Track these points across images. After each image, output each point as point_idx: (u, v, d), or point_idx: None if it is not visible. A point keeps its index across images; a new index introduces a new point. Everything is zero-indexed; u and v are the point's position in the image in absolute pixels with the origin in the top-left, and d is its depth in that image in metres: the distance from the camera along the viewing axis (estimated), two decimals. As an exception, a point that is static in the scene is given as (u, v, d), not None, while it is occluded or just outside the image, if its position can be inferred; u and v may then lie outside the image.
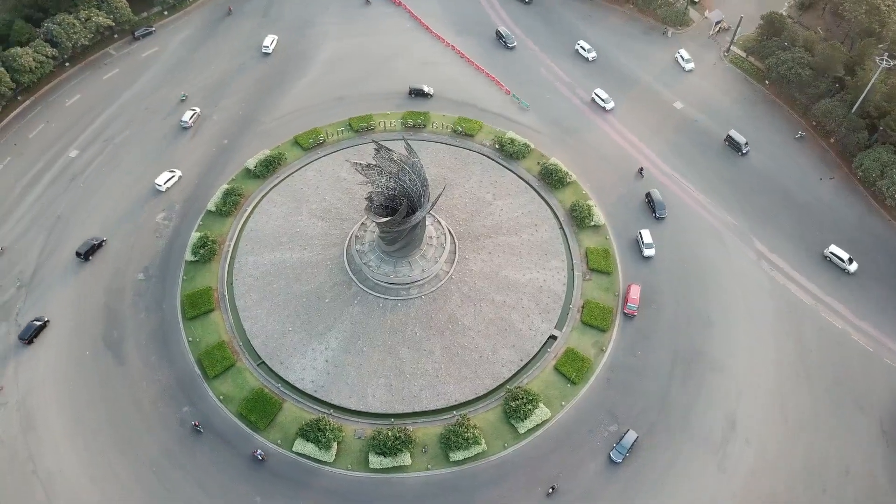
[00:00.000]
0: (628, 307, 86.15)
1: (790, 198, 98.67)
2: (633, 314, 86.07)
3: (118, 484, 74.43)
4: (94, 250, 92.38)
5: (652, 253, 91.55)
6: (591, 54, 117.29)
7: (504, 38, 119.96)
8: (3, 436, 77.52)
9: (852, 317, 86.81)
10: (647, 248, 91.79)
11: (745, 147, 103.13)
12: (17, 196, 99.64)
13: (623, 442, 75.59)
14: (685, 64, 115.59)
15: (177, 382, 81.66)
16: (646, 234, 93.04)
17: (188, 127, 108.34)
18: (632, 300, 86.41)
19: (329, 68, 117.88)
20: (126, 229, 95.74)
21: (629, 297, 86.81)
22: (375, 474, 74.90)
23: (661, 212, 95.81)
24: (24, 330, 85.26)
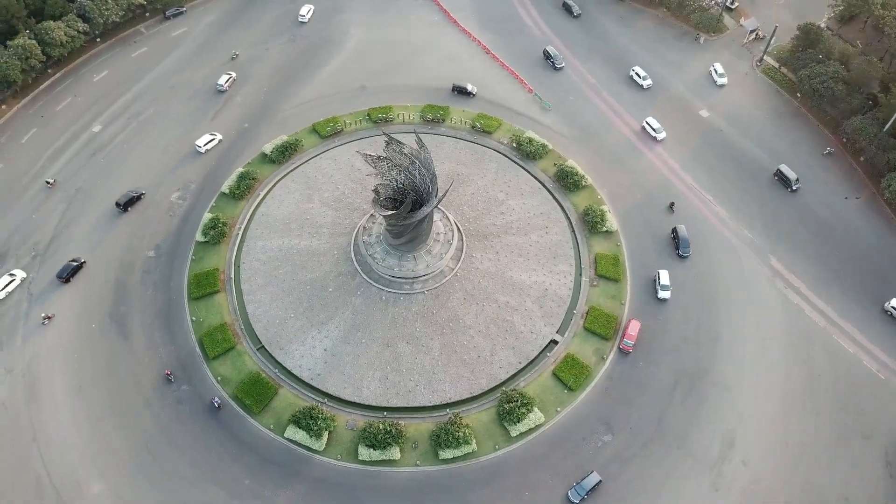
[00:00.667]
0: (624, 342, 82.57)
1: (812, 215, 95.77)
2: (629, 351, 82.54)
3: (113, 456, 75.72)
4: (133, 202, 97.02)
5: (667, 296, 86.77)
6: (646, 81, 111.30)
7: (552, 59, 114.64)
8: (7, 402, 79.44)
9: (865, 341, 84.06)
10: (663, 290, 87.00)
11: (796, 184, 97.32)
12: (41, 167, 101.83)
13: (584, 483, 72.58)
14: (718, 78, 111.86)
15: (177, 361, 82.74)
16: (664, 275, 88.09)
17: (224, 91, 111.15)
18: (629, 336, 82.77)
19: (354, 57, 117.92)
20: (142, 206, 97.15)
21: (627, 332, 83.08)
22: (364, 466, 75.00)
23: (685, 250, 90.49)
24: (61, 269, 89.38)
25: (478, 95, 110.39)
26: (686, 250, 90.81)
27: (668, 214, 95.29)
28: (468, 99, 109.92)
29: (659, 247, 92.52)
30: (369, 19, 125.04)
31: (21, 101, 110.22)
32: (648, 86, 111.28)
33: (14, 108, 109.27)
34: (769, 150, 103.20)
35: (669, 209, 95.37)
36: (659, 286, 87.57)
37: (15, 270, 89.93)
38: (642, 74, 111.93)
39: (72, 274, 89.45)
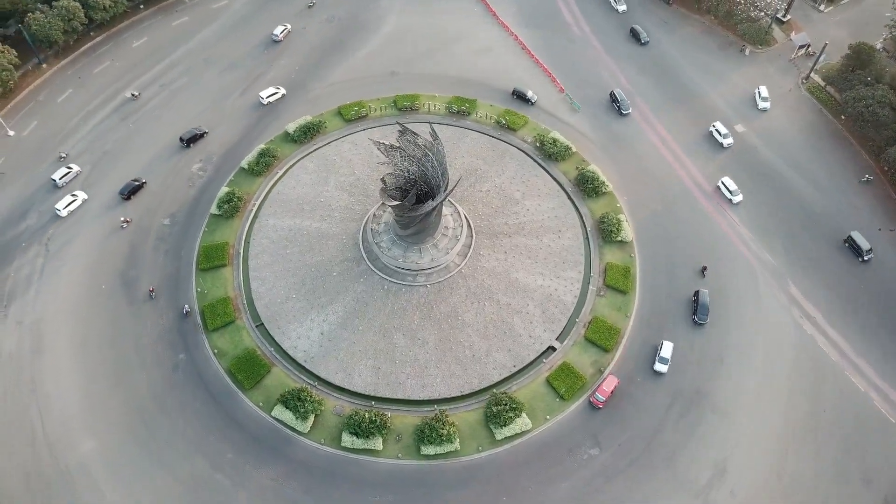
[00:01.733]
0: (595, 397, 77.54)
1: (839, 242, 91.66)
2: (599, 406, 77.95)
3: (105, 416, 77.57)
4: (196, 139, 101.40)
5: (664, 370, 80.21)
6: (727, 140, 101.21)
7: (619, 103, 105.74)
8: (14, 352, 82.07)
9: (879, 381, 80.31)
10: (661, 364, 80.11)
11: (868, 254, 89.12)
12: (72, 127, 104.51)
13: None
14: (760, 101, 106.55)
15: (178, 329, 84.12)
16: (666, 347, 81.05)
17: (279, 41, 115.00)
18: (602, 391, 77.59)
19: (388, 42, 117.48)
20: (163, 174, 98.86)
21: (601, 387, 78.13)
22: (346, 453, 75.19)
23: (702, 317, 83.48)
24: (123, 187, 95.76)
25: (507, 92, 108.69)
26: (704, 318, 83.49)
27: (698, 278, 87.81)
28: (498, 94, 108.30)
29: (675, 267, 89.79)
30: (408, 6, 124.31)
31: (61, 61, 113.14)
32: (729, 144, 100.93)
33: (54, 68, 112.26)
34: (803, 171, 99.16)
35: (701, 273, 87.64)
36: (658, 358, 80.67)
37: (77, 191, 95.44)
38: (723, 132, 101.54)
39: (133, 192, 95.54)
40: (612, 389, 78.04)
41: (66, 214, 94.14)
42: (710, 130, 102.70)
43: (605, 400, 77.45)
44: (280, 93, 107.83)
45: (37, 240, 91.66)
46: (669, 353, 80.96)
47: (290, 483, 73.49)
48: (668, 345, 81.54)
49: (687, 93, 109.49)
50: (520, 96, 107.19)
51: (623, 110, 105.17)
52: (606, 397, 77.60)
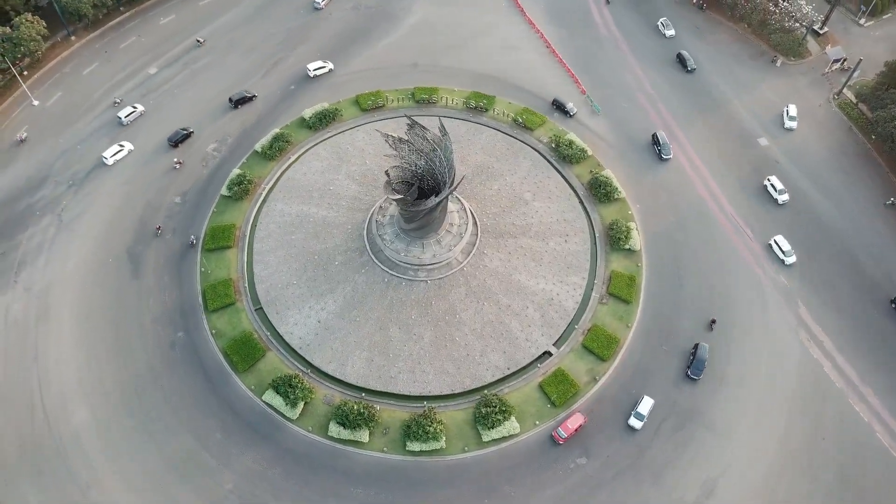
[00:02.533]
0: (557, 432, 74.42)
1: (857, 268, 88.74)
2: (560, 442, 74.80)
3: (102, 387, 78.84)
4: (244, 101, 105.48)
5: (638, 425, 75.64)
6: (782, 196, 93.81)
7: (661, 147, 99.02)
8: (20, 319, 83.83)
9: (884, 412, 77.74)
10: (636, 419, 75.77)
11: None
12: (94, 101, 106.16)
13: None
14: (787, 121, 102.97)
15: (178, 307, 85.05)
16: (645, 403, 76.41)
17: (320, 8, 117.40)
18: (565, 427, 74.38)
19: (412, 33, 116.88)
20: (178, 151, 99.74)
21: (566, 423, 74.75)
22: (332, 443, 75.36)
23: (696, 373, 78.81)
24: (172, 134, 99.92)
25: (531, 90, 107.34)
26: (698, 373, 78.81)
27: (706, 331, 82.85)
28: (519, 92, 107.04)
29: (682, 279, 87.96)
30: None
31: (90, 34, 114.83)
32: (784, 202, 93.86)
33: (82, 41, 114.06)
34: (825, 189, 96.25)
35: (709, 327, 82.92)
36: (634, 413, 76.04)
37: (124, 141, 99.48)
38: (779, 187, 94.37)
39: (181, 140, 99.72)
40: (577, 428, 74.58)
41: (112, 163, 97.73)
42: (765, 185, 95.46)
43: (566, 437, 74.06)
44: (328, 66, 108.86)
45: (51, 210, 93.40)
46: (647, 410, 76.03)
47: (275, 468, 73.96)
48: (648, 401, 76.53)
49: (712, 103, 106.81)
50: (559, 107, 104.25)
51: (664, 155, 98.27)
52: (569, 434, 74.11)
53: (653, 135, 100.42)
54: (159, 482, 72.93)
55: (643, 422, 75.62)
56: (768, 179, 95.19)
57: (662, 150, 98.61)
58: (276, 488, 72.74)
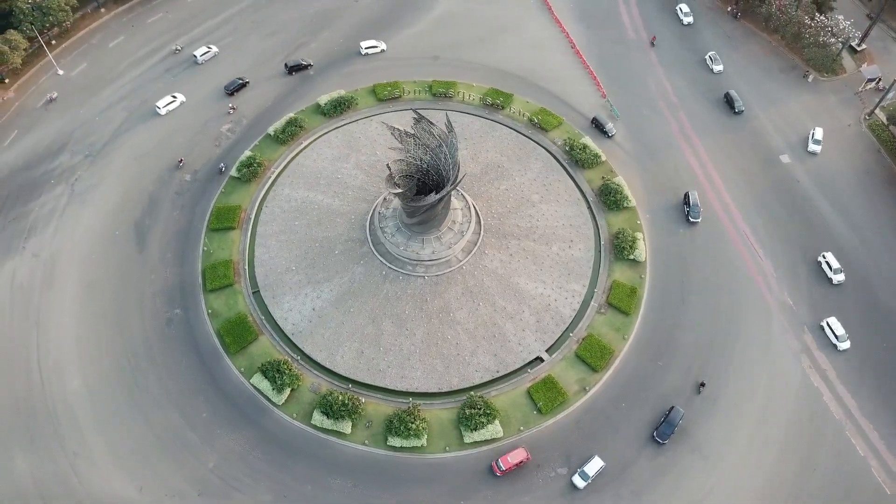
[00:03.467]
0: (497, 464, 71.98)
1: (872, 298, 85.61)
2: (498, 474, 72.16)
3: (97, 357, 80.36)
4: (300, 69, 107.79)
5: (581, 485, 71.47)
6: (838, 276, 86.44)
7: (691, 210, 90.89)
8: (25, 284, 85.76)
9: (882, 448, 75.15)
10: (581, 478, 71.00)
11: None
12: (118, 73, 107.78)
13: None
14: (812, 144, 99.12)
15: (178, 284, 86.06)
16: (594, 464, 72.04)
17: None
18: (505, 461, 71.76)
19: (437, 25, 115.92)
20: (193, 129, 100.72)
21: (506, 457, 72.04)
22: (315, 431, 75.68)
23: (662, 436, 73.97)
24: (229, 83, 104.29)
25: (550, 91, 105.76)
26: (665, 437, 73.88)
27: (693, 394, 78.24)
28: (538, 91, 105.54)
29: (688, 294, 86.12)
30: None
31: (119, 7, 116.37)
32: (839, 281, 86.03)
33: (111, 13, 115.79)
34: (845, 212, 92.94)
35: (697, 390, 78.02)
36: (579, 472, 71.95)
37: (177, 93, 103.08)
38: (835, 266, 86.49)
39: (237, 89, 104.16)
40: (518, 463, 71.98)
41: (164, 113, 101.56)
42: (819, 261, 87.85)
43: (505, 470, 71.69)
44: (381, 47, 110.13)
45: (65, 179, 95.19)
46: (595, 470, 71.86)
47: (256, 451, 74.62)
48: (597, 462, 72.28)
49: (736, 115, 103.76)
50: (598, 126, 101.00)
51: (692, 217, 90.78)
52: (508, 468, 71.64)
53: (685, 194, 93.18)
54: (145, 455, 74.23)
55: (587, 482, 71.66)
56: (823, 256, 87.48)
57: (691, 213, 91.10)
58: (255, 471, 73.41)
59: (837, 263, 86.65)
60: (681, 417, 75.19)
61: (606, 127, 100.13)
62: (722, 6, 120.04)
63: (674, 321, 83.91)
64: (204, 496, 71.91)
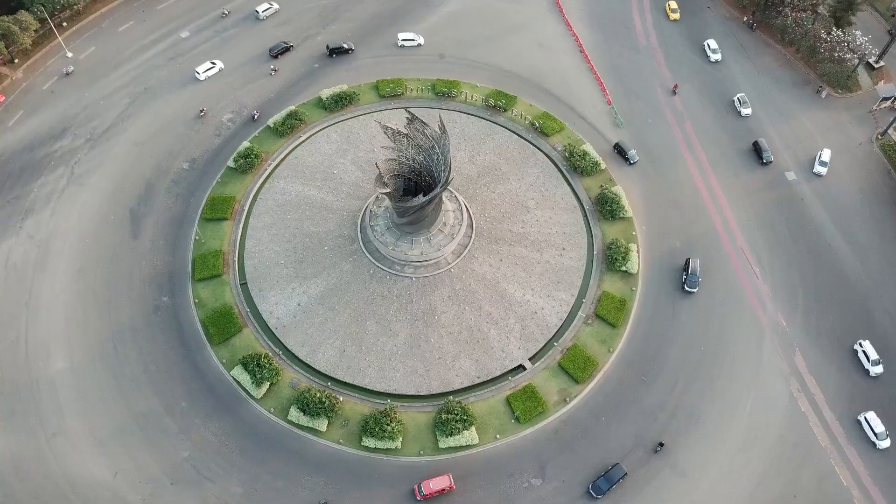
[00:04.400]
0: (419, 488, 70.31)
1: (870, 321, 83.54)
2: (419, 498, 70.38)
3: (84, 339, 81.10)
4: (341, 52, 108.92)
5: None
6: (876, 368, 79.54)
7: (689, 278, 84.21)
8: (19, 264, 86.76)
9: (867, 478, 73.39)
10: None
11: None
12: (124, 58, 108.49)
13: None
14: (818, 166, 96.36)
15: (168, 272, 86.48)
16: None
17: None
18: (426, 485, 70.13)
19: (446, 22, 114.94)
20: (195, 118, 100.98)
21: (428, 482, 70.29)
22: (290, 427, 75.71)
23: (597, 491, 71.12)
24: (273, 46, 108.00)
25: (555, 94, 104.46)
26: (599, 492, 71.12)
27: None
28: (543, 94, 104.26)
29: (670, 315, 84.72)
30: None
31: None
32: (877, 374, 79.79)
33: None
34: (849, 234, 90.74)
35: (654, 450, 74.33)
36: None
37: (216, 59, 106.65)
38: (872, 356, 79.89)
39: (281, 52, 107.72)
40: (440, 490, 70.27)
41: (203, 79, 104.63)
42: (855, 349, 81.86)
43: (426, 495, 70.14)
44: (418, 41, 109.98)
45: (65, 161, 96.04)
46: None
47: (231, 442, 74.91)
48: None
49: (743, 127, 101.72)
50: (620, 152, 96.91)
51: (688, 287, 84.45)
52: (429, 493, 70.06)
53: (686, 261, 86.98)
54: (122, 439, 74.89)
55: None
56: (860, 344, 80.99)
57: (688, 281, 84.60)
58: (229, 463, 73.69)
59: None
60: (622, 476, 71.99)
61: (629, 153, 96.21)
62: (738, 16, 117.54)
63: (662, 336, 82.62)
64: (177, 485, 72.37)
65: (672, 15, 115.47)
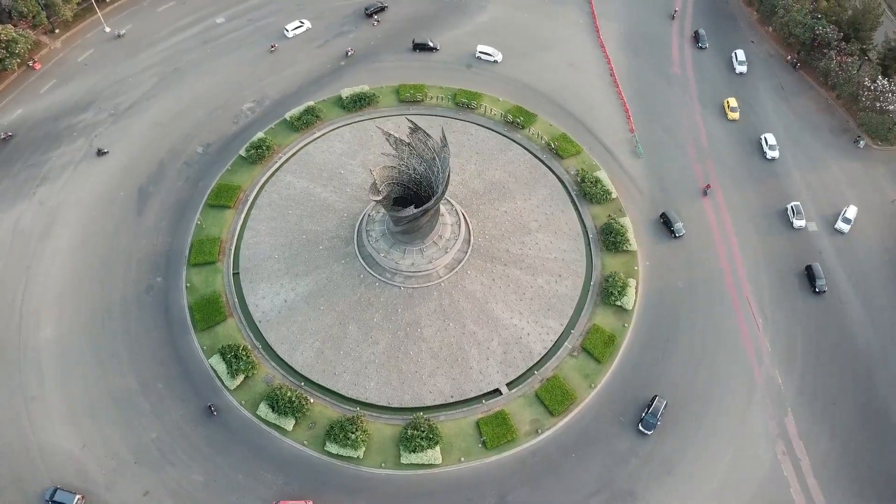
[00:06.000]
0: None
1: (871, 391, 79.09)
2: None
3: (75, 313, 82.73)
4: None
5: None
6: None
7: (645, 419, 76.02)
8: (27, 230, 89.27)
9: (842, 557, 69.74)
10: None
11: None
12: (158, 38, 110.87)
13: None
14: (841, 222, 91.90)
15: (166, 253, 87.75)
16: None
17: None
18: None
19: (478, 32, 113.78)
20: (216, 104, 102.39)
21: None
22: (258, 422, 75.89)
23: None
24: (368, 5, 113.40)
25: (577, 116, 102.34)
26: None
27: None
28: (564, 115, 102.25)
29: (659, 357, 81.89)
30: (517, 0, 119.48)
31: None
32: None
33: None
34: (866, 296, 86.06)
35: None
36: None
37: (304, 19, 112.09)
38: None
39: (376, 12, 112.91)
40: None
41: (291, 36, 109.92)
42: None
43: None
44: (496, 57, 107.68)
45: (86, 134, 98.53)
46: None
47: (199, 430, 75.49)
48: None
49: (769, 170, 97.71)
50: (667, 223, 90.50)
51: (645, 429, 75.89)
52: None
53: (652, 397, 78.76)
54: (95, 413, 76.14)
55: None
56: None
57: (644, 422, 76.26)
58: (193, 450, 74.27)
59: None
60: None
61: (675, 226, 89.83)
62: (783, 54, 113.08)
63: (648, 377, 79.95)
64: (140, 464, 73.29)
65: (731, 114, 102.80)
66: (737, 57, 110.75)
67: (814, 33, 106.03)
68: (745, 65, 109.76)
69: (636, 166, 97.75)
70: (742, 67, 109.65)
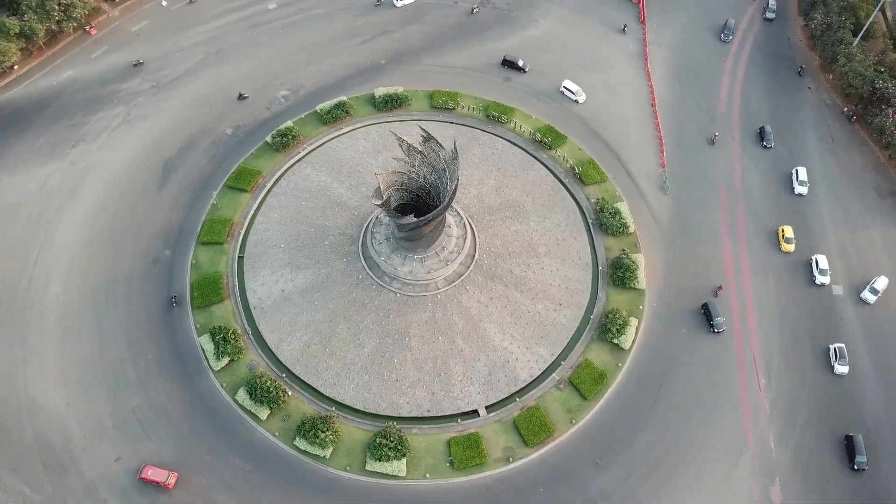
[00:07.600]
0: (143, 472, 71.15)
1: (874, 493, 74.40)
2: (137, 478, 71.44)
3: (83, 276, 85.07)
4: None
5: None
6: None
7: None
8: (54, 188, 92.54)
9: None
10: None
11: None
12: (211, 17, 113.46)
13: None
14: (868, 293, 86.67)
15: (178, 228, 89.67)
16: None
17: None
18: (145, 471, 71.18)
19: (524, 46, 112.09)
20: (255, 87, 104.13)
21: (148, 471, 71.17)
22: (235, 406, 76.86)
23: None
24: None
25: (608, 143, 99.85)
26: None
27: None
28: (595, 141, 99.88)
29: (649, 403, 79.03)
30: (568, 17, 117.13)
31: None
32: None
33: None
34: (883, 366, 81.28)
35: None
36: None
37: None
38: None
39: None
40: (155, 481, 70.68)
41: (400, 6, 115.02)
42: None
43: (143, 478, 70.92)
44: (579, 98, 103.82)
45: (126, 102, 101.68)
46: None
47: (178, 407, 76.90)
48: None
49: (803, 222, 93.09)
50: (707, 314, 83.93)
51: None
52: (146, 479, 70.86)
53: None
54: (84, 376, 78.21)
55: None
56: None
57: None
58: (168, 425, 75.71)
59: None
60: None
61: (715, 321, 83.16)
62: (840, 104, 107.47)
63: (633, 422, 77.37)
64: (117, 429, 75.11)
65: (785, 246, 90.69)
66: None
67: (873, 87, 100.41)
68: None
69: (661, 203, 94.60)
70: None
